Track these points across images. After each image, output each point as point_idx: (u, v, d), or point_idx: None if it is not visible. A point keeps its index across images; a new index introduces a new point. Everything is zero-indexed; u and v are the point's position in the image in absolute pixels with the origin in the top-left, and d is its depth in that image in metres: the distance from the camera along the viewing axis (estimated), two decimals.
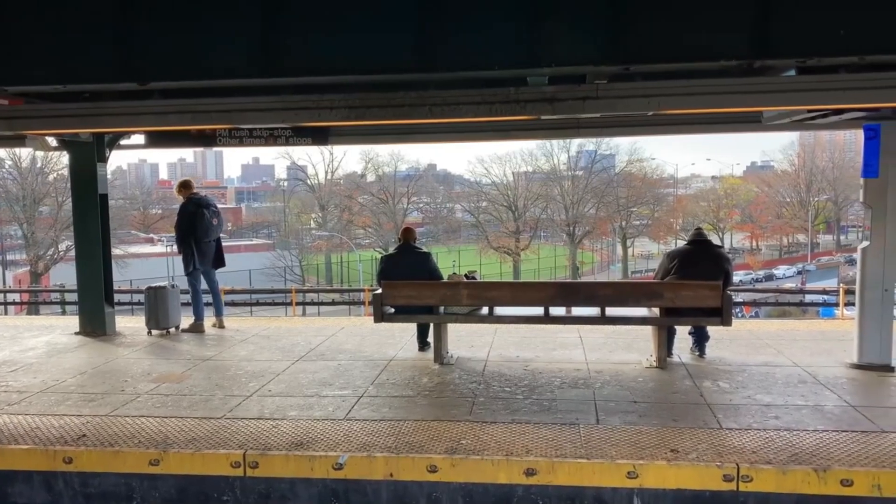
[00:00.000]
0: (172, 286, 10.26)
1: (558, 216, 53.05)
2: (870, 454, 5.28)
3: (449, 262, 44.18)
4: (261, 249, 55.21)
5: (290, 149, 52.30)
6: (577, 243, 52.81)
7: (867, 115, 7.10)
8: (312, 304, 26.15)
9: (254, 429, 6.04)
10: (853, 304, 8.07)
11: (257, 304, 24.13)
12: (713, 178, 78.87)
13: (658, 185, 60.84)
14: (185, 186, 10.39)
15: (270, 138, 9.41)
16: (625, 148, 57.98)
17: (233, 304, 18.54)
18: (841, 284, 19.64)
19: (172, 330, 10.12)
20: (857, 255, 7.78)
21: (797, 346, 8.69)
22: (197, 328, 10.12)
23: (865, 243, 7.66)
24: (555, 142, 53.36)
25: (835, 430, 5.78)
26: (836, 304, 15.88)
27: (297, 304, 21.72)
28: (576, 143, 54.66)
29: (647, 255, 58.10)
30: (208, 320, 10.43)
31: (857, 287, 7.82)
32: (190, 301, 10.28)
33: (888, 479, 5.01)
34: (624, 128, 9.54)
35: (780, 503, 5.11)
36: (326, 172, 59.59)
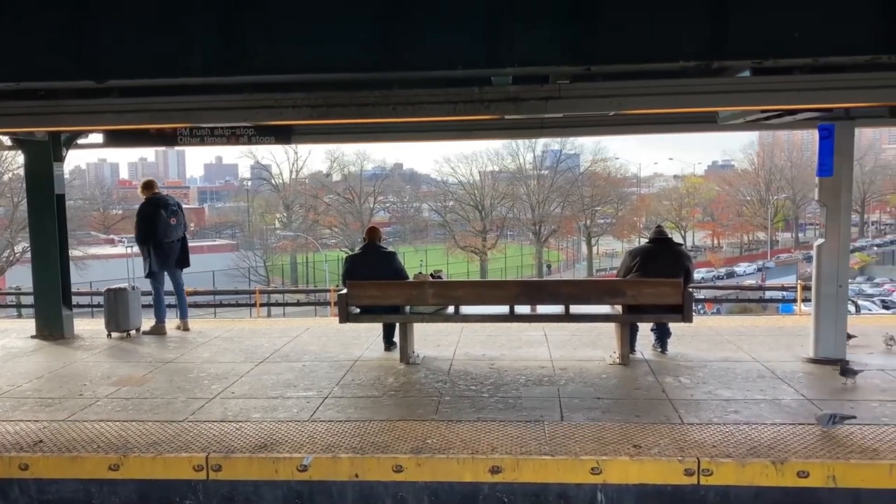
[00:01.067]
0: (133, 288, 10.08)
1: (524, 215, 53.43)
2: (824, 446, 5.42)
3: (416, 261, 44.18)
4: (224, 250, 54.46)
5: (253, 148, 51.63)
6: (544, 242, 53.27)
7: (821, 115, 7.28)
8: (277, 305, 25.88)
9: (217, 431, 5.97)
10: (811, 300, 8.28)
11: (220, 305, 23.82)
12: (675, 177, 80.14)
13: (622, 185, 61.69)
14: (147, 187, 10.20)
15: (232, 137, 9.30)
16: (589, 148, 58.70)
17: (195, 305, 18.26)
18: (799, 281, 20.08)
19: (133, 332, 9.94)
20: (813, 253, 7.98)
21: (756, 341, 8.88)
22: (158, 330, 9.96)
23: (821, 241, 7.86)
24: (520, 141, 53.73)
25: (792, 424, 5.92)
26: (795, 301, 16.23)
27: (262, 305, 21.50)
28: (541, 143, 55.12)
29: (612, 253, 58.75)
30: (172, 322, 10.26)
31: (813, 283, 8.02)
32: (151, 303, 10.11)
33: (842, 470, 5.14)
34: (586, 127, 9.65)
35: (740, 496, 5.22)
36: (291, 172, 59.15)
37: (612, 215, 57.14)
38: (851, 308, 17.55)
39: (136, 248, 10.81)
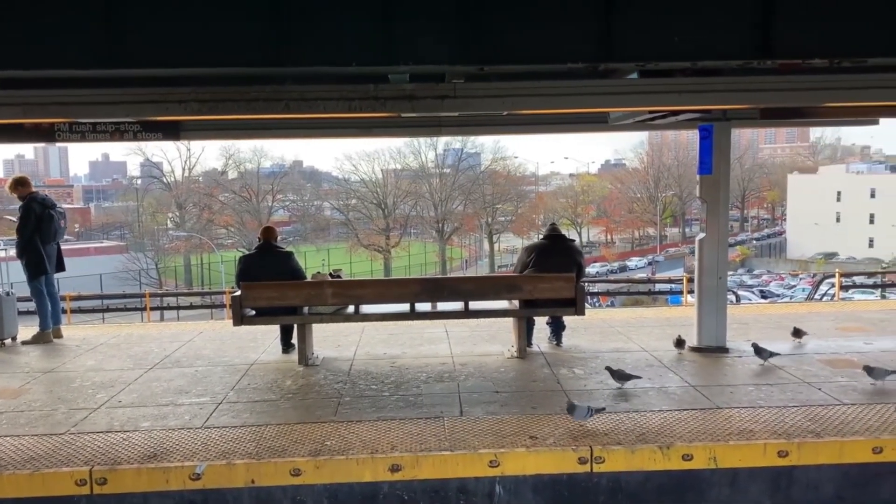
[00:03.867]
0: (8, 293, 9.39)
1: (427, 213, 53.80)
2: (707, 430, 5.74)
3: (318, 261, 43.48)
4: (113, 252, 51.69)
5: (143, 144, 49.33)
6: (447, 239, 53.76)
7: (701, 116, 7.70)
8: (170, 308, 24.86)
9: (102, 443, 5.66)
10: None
11: (108, 310, 22.58)
12: (571, 175, 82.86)
13: (521, 183, 63.25)
14: (21, 184, 9.48)
15: (116, 133, 8.80)
16: (489, 147, 59.77)
17: (80, 311, 17.23)
18: (685, 274, 21.21)
19: (8, 341, 9.26)
20: (695, 247, 8.43)
21: (645, 332, 9.29)
22: (42, 338, 9.31)
23: (702, 235, 8.31)
24: (422, 140, 54.11)
25: (677, 409, 6.24)
26: (682, 292, 17.13)
27: (154, 308, 20.58)
28: (443, 142, 55.67)
29: (513, 249, 60.03)
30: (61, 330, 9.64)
31: (695, 276, 8.48)
32: (34, 309, 9.46)
33: (722, 451, 5.46)
34: (483, 126, 9.79)
35: (630, 481, 5.45)
36: (184, 169, 56.93)
37: (512, 213, 58.47)
38: (732, 298, 18.74)
39: (11, 251, 10.04)
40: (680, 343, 8.15)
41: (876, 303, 13.92)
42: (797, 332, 8.48)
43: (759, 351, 7.55)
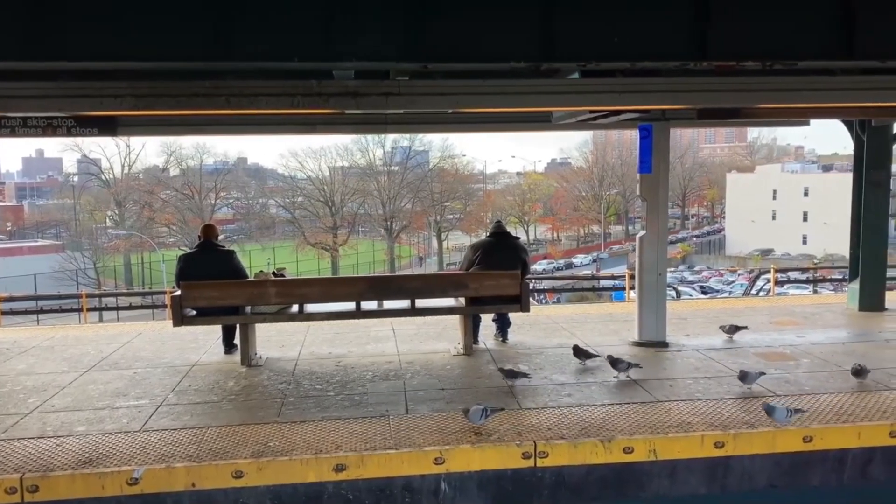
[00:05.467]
0: None
1: (376, 211, 53.44)
2: (647, 423, 5.88)
3: (263, 259, 42.76)
4: (48, 251, 49.74)
5: (79, 140, 47.68)
6: (395, 237, 53.55)
7: (641, 116, 7.87)
8: (110, 309, 24.11)
9: (34, 449, 5.45)
10: None
11: (42, 311, 21.73)
12: (518, 174, 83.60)
13: (469, 181, 63.42)
14: None
15: (49, 128, 8.48)
16: (437, 144, 59.74)
17: (12, 312, 16.56)
18: (627, 270, 21.62)
19: None
20: (636, 244, 8.61)
21: (588, 327, 9.45)
22: None
23: (642, 232, 8.49)
24: (370, 137, 53.71)
25: (619, 403, 6.36)
26: (625, 288, 17.46)
27: (91, 309, 19.93)
28: (390, 139, 55.39)
29: (461, 247, 60.15)
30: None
31: (636, 272, 8.66)
32: None
33: (662, 443, 5.60)
34: (429, 124, 9.82)
35: (573, 475, 5.54)
36: (123, 166, 55.19)
37: (461, 211, 58.60)
38: (673, 294, 19.20)
39: None
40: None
41: (808, 297, 14.46)
42: (731, 329, 8.71)
43: (615, 363, 6.99)
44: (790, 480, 5.77)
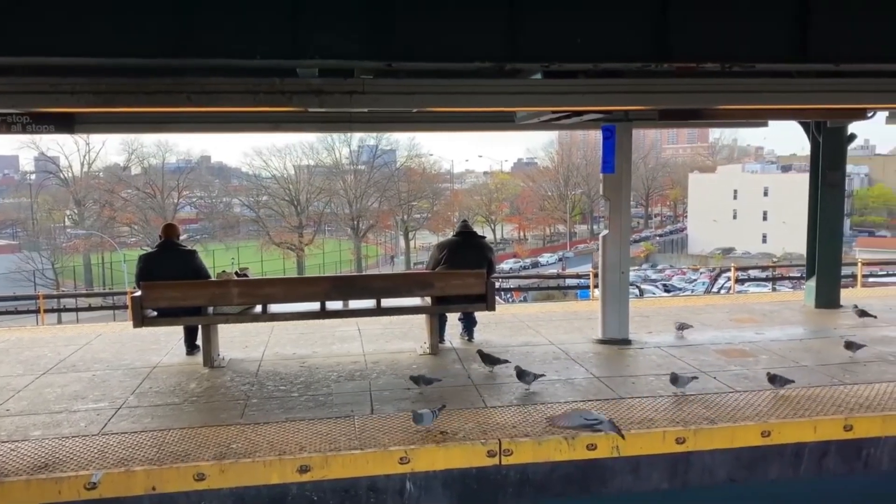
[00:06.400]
0: None
1: (342, 210, 53.11)
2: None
3: (227, 259, 42.20)
4: (3, 251, 48.56)
5: (35, 137, 46.49)
6: (362, 237, 53.29)
7: (604, 116, 7.94)
8: (69, 310, 23.53)
9: None
10: None
11: None
12: (485, 173, 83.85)
13: (436, 180, 63.47)
14: None
15: (3, 125, 8.26)
16: (404, 143, 59.63)
17: None
18: (592, 269, 21.85)
19: None
20: (599, 243, 8.70)
21: (553, 325, 9.52)
22: None
23: (605, 232, 8.59)
24: (336, 135, 53.37)
25: (583, 400, 6.43)
26: (589, 287, 17.64)
27: (49, 311, 19.43)
28: (357, 138, 55.11)
29: (428, 246, 60.15)
30: None
31: (599, 271, 8.75)
32: None
33: (624, 440, 5.66)
34: (394, 123, 9.78)
35: (537, 472, 5.58)
36: (83, 164, 53.96)
37: (428, 210, 58.60)
38: (636, 292, 19.47)
39: None
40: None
41: (767, 295, 14.79)
42: (681, 327, 8.92)
43: (521, 375, 6.71)
44: (749, 474, 5.89)
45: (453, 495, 5.50)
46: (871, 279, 20.19)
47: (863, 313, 9.44)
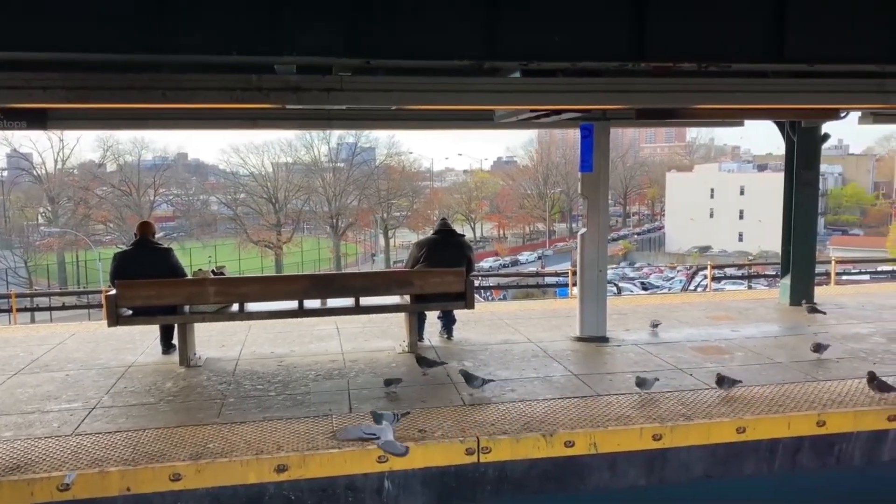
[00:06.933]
0: None
1: (321, 208, 52.82)
2: (588, 416, 5.98)
3: (205, 258, 41.81)
4: None
5: (7, 133, 45.63)
6: (341, 235, 53.05)
7: (582, 115, 7.98)
8: (42, 309, 23.20)
9: None
10: None
11: None
12: (465, 171, 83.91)
13: (416, 178, 63.38)
14: None
15: None
16: (384, 141, 59.44)
17: None
18: (570, 267, 21.94)
19: None
20: (577, 241, 8.75)
21: (532, 323, 9.56)
22: None
23: (583, 230, 8.63)
24: (314, 133, 53.10)
25: (560, 398, 6.46)
26: (568, 285, 17.70)
27: (22, 310, 19.14)
28: (336, 135, 54.85)
29: (408, 245, 60.03)
30: None
31: (577, 269, 8.80)
32: None
33: (602, 437, 5.70)
34: (373, 121, 9.73)
35: (515, 469, 5.59)
36: (56, 161, 53.09)
37: (408, 208, 58.46)
38: (614, 290, 19.59)
39: None
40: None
41: (743, 293, 14.96)
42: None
43: (468, 378, 6.57)
44: (724, 470, 5.95)
45: (432, 493, 5.50)
46: (844, 277, 20.54)
47: (812, 309, 9.73)
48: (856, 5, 5.97)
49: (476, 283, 14.40)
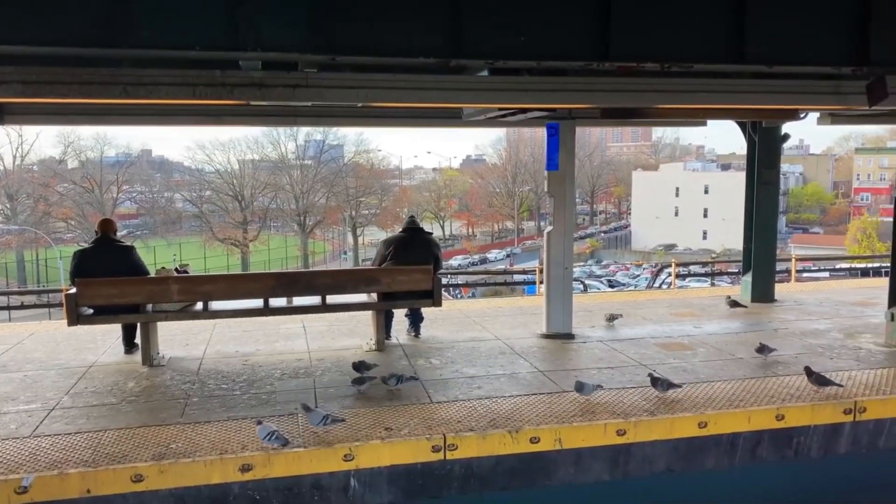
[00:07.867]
0: None
1: (288, 206, 52.42)
2: (553, 412, 6.03)
3: (169, 256, 41.18)
4: None
5: None
6: (309, 233, 52.68)
7: (548, 114, 8.03)
8: (0, 308, 22.62)
9: None
10: None
11: None
12: (434, 169, 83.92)
13: (385, 176, 63.23)
14: None
15: None
16: (352, 139, 59.22)
17: None
18: (538, 265, 22.10)
19: None
20: (544, 239, 8.81)
21: (499, 321, 9.60)
22: None
23: (550, 228, 8.69)
24: (281, 130, 52.62)
25: (526, 394, 6.50)
26: (535, 282, 17.82)
27: None
28: (303, 133, 54.49)
29: (377, 242, 59.86)
30: None
31: (544, 266, 8.86)
32: None
33: (567, 433, 5.76)
34: (341, 118, 9.69)
35: (482, 466, 5.62)
36: (15, 157, 51.87)
37: (377, 206, 58.32)
38: (580, 287, 19.77)
39: None
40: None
41: (706, 290, 15.19)
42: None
43: (384, 379, 6.55)
44: (686, 464, 6.05)
45: (398, 491, 5.50)
46: (804, 274, 20.98)
47: (734, 304, 10.23)
48: (813, 10, 6.11)
49: (445, 280, 14.41)
